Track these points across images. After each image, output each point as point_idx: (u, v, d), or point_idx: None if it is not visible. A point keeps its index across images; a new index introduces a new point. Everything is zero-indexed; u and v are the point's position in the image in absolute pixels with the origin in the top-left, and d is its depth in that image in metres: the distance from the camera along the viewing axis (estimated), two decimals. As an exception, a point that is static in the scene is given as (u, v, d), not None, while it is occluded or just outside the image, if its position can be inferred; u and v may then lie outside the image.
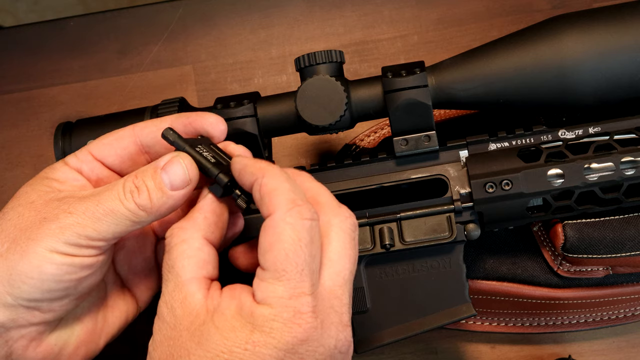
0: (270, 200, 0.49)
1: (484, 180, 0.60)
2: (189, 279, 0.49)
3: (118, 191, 0.51)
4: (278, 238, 0.48)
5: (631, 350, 0.72)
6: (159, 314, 0.50)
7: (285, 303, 0.47)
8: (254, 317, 0.47)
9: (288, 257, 0.48)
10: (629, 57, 0.58)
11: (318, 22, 0.80)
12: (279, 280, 0.48)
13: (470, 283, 0.68)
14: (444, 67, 0.62)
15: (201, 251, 0.50)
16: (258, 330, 0.47)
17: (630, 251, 0.63)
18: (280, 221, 0.48)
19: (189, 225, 0.51)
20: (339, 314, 0.50)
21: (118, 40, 0.82)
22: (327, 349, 0.49)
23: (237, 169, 0.52)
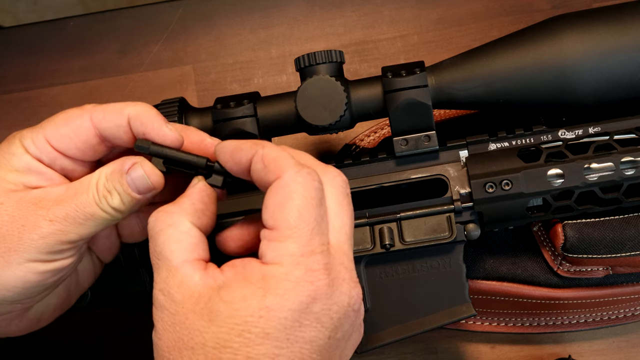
0: (277, 165, 0.49)
1: (484, 180, 0.60)
2: (181, 262, 0.48)
3: (94, 194, 0.52)
4: (289, 196, 0.48)
5: (631, 350, 0.72)
6: (156, 304, 0.49)
7: (297, 260, 0.47)
8: (265, 279, 0.47)
9: (301, 215, 0.47)
10: (629, 57, 0.58)
11: (318, 22, 0.80)
12: (290, 237, 0.47)
13: (470, 283, 0.68)
14: (444, 67, 0.62)
15: (189, 235, 0.49)
16: (271, 294, 0.46)
17: (630, 251, 0.63)
18: (292, 181, 0.48)
19: (176, 210, 0.50)
20: (349, 270, 0.49)
21: (118, 40, 0.82)
22: (341, 307, 0.48)
23: (227, 151, 0.51)
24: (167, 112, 0.63)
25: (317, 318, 0.47)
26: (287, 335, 0.46)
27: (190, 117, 0.63)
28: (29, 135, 0.53)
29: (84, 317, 0.75)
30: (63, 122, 0.54)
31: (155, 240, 0.49)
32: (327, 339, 0.48)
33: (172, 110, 0.63)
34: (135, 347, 0.75)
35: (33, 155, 0.53)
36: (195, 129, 0.56)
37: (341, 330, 0.49)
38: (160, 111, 0.63)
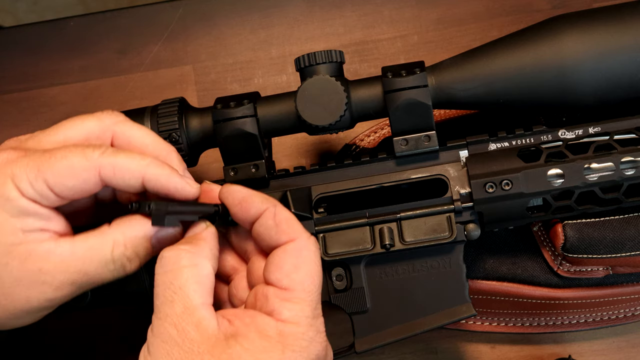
0: (289, 227, 0.52)
1: (484, 180, 0.60)
2: (200, 304, 0.49)
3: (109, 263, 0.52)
4: (304, 261, 0.51)
5: (631, 350, 0.72)
6: (163, 337, 0.48)
7: (311, 322, 0.50)
8: (283, 336, 0.49)
9: (314, 280, 0.51)
10: (629, 57, 0.58)
11: (318, 22, 0.80)
12: (304, 300, 0.51)
13: (470, 283, 0.68)
14: (444, 67, 0.62)
15: (209, 279, 0.50)
16: (289, 350, 0.49)
17: (630, 251, 0.63)
18: (305, 247, 0.52)
19: (198, 252, 0.51)
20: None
21: (118, 40, 0.82)
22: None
23: (236, 198, 0.53)
24: (167, 112, 0.63)
25: None
26: None
27: (190, 117, 0.63)
28: (24, 176, 0.50)
29: (84, 317, 0.75)
30: (67, 172, 0.50)
31: (176, 275, 0.49)
32: None
33: (172, 111, 0.63)
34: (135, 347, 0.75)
35: (30, 198, 0.51)
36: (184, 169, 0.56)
37: None
38: (160, 111, 0.63)
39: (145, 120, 0.63)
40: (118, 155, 0.51)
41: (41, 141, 0.53)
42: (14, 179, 0.50)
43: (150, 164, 0.52)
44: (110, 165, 0.51)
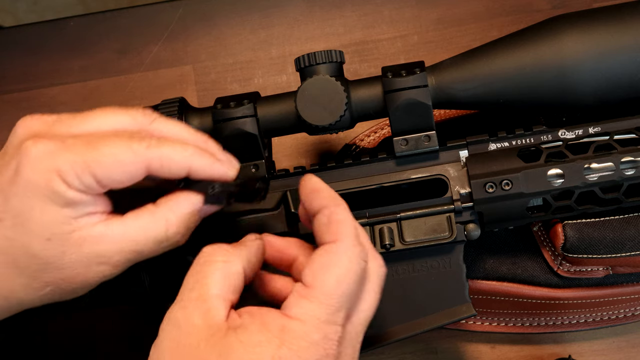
0: (339, 229, 0.50)
1: (484, 180, 0.60)
2: (216, 294, 0.49)
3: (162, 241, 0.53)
4: (335, 264, 0.49)
5: (631, 350, 0.72)
6: (171, 318, 0.49)
7: (319, 325, 0.48)
8: (284, 331, 0.47)
9: (339, 284, 0.49)
10: (629, 57, 0.58)
11: (318, 22, 0.80)
12: (320, 301, 0.48)
13: (470, 283, 0.68)
14: (444, 67, 0.62)
15: (236, 277, 0.50)
16: (286, 347, 0.47)
17: (630, 251, 0.63)
18: (343, 251, 0.49)
19: (234, 252, 0.51)
20: (355, 349, 0.51)
21: (118, 40, 0.82)
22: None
23: (307, 187, 0.53)
24: (167, 112, 0.63)
25: None
26: None
27: (190, 117, 0.63)
28: (71, 171, 0.50)
29: (84, 317, 0.75)
30: (115, 167, 0.51)
31: (203, 266, 0.50)
32: None
33: (172, 110, 0.63)
34: (135, 347, 0.75)
35: (77, 190, 0.51)
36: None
37: None
38: (160, 111, 0.63)
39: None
40: (163, 147, 0.52)
41: (71, 128, 0.52)
42: (60, 174, 0.50)
43: (194, 154, 0.53)
44: (157, 158, 0.52)
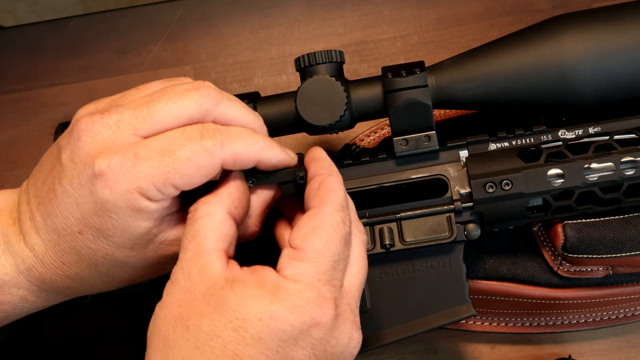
0: (326, 195, 0.52)
1: (484, 180, 0.60)
2: (209, 249, 0.50)
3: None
4: (322, 226, 0.50)
5: (631, 350, 0.72)
6: (172, 279, 0.50)
7: (313, 283, 0.49)
8: (278, 289, 0.48)
9: (328, 245, 0.50)
10: (629, 57, 0.58)
11: (318, 22, 0.80)
12: (312, 261, 0.49)
13: (470, 283, 0.68)
14: (444, 67, 0.62)
15: (223, 225, 0.51)
16: (279, 303, 0.48)
17: (630, 251, 0.63)
18: (329, 214, 0.51)
19: (214, 200, 0.52)
20: (354, 314, 0.51)
21: (118, 40, 0.82)
22: (339, 344, 0.50)
23: (310, 155, 0.56)
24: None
25: (312, 344, 0.48)
26: (279, 348, 0.47)
27: (190, 117, 0.63)
28: (152, 187, 0.50)
29: (84, 317, 0.75)
30: (194, 173, 0.51)
31: (192, 225, 0.51)
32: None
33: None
34: (135, 347, 0.75)
35: (158, 200, 0.52)
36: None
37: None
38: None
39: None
40: (236, 142, 0.52)
41: (138, 130, 0.52)
42: (141, 192, 0.51)
43: (264, 147, 0.54)
44: (230, 154, 0.52)
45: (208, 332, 0.47)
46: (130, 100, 0.53)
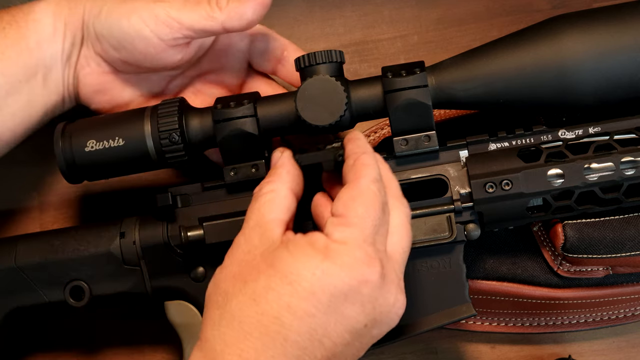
0: (362, 170, 0.55)
1: (484, 180, 0.60)
2: (271, 218, 0.55)
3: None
4: (361, 194, 0.54)
5: (631, 350, 0.72)
6: (234, 245, 0.55)
7: (359, 244, 0.52)
8: (328, 249, 0.52)
9: (368, 210, 0.53)
10: (629, 57, 0.58)
11: (318, 22, 0.80)
12: (356, 225, 0.53)
13: (470, 283, 0.68)
14: (444, 67, 0.62)
15: (286, 199, 0.56)
16: (329, 261, 0.51)
17: (630, 251, 0.63)
18: (366, 185, 0.54)
19: (276, 179, 0.57)
20: (398, 277, 0.54)
21: (118, 40, 0.81)
22: (386, 304, 0.53)
23: (348, 137, 0.59)
24: (167, 112, 0.63)
25: (362, 301, 0.52)
26: (330, 302, 0.51)
27: (190, 117, 0.63)
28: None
29: (84, 317, 0.75)
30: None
31: (257, 201, 0.56)
32: (362, 327, 0.52)
33: (172, 111, 0.63)
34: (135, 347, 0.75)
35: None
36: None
37: (378, 327, 0.53)
38: (161, 111, 0.63)
39: (145, 120, 0.63)
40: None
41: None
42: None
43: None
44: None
45: (264, 286, 0.51)
46: None
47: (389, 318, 0.54)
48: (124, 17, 0.63)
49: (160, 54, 0.65)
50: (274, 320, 0.50)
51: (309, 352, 0.50)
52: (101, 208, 0.77)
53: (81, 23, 0.66)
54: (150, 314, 0.72)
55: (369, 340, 0.54)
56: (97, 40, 0.65)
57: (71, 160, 0.64)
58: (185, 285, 0.64)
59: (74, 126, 0.64)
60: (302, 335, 0.50)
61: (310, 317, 0.50)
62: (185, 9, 0.63)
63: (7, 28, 0.65)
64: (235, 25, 0.63)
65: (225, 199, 0.63)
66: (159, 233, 0.64)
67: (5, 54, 0.64)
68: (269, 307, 0.51)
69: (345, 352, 0.52)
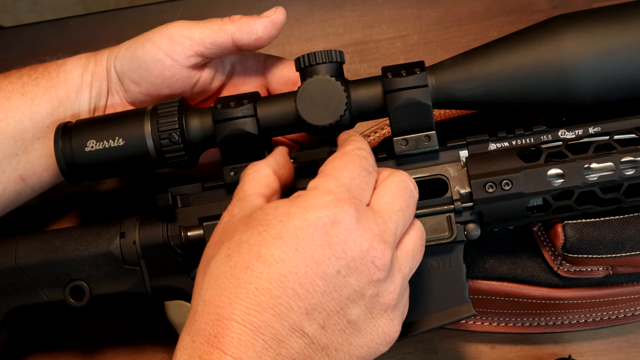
0: (349, 141, 0.58)
1: (484, 180, 0.60)
2: (252, 192, 0.56)
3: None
4: (343, 154, 0.56)
5: (631, 350, 0.72)
6: (219, 222, 0.56)
7: (330, 189, 0.52)
8: (298, 196, 0.53)
9: (346, 165, 0.54)
10: (629, 57, 0.58)
11: (318, 22, 0.80)
12: (332, 176, 0.54)
13: (470, 283, 0.68)
14: (444, 67, 0.62)
15: (267, 177, 0.58)
16: (296, 205, 0.52)
17: (630, 251, 0.63)
18: (350, 149, 0.56)
19: (260, 162, 0.59)
20: (379, 228, 0.53)
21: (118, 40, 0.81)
22: (359, 248, 0.51)
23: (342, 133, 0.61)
24: (167, 112, 0.63)
25: (329, 242, 0.51)
26: (297, 245, 0.51)
27: (190, 117, 0.63)
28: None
29: (84, 317, 0.75)
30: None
31: (242, 181, 0.58)
32: (335, 273, 0.51)
33: (172, 111, 0.63)
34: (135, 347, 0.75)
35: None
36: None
37: (355, 277, 0.51)
38: (160, 111, 0.63)
39: (145, 120, 0.63)
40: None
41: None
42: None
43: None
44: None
45: (237, 241, 0.52)
46: None
47: (364, 265, 0.51)
48: (139, 47, 0.66)
49: (176, 76, 0.66)
50: (244, 271, 0.50)
51: (283, 301, 0.50)
52: (101, 208, 0.77)
53: (106, 72, 0.68)
54: (150, 314, 0.72)
55: (351, 295, 0.51)
56: (119, 81, 0.68)
57: (71, 160, 0.64)
58: (185, 285, 0.64)
59: (74, 126, 0.64)
60: (273, 282, 0.50)
61: (279, 262, 0.50)
62: (197, 25, 0.66)
63: (39, 78, 0.68)
64: (244, 39, 0.64)
65: (225, 199, 0.63)
66: (159, 233, 0.64)
67: (35, 101, 0.67)
68: (241, 259, 0.51)
69: (324, 304, 0.50)
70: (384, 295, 0.53)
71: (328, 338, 0.51)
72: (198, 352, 0.49)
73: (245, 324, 0.49)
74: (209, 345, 0.49)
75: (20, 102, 0.67)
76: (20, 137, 0.66)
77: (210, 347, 0.49)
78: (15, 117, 0.66)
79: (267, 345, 0.49)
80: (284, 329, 0.50)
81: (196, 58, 0.66)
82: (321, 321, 0.51)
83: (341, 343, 0.52)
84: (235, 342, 0.49)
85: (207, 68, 0.68)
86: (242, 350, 0.49)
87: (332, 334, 0.51)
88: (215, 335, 0.49)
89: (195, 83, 0.67)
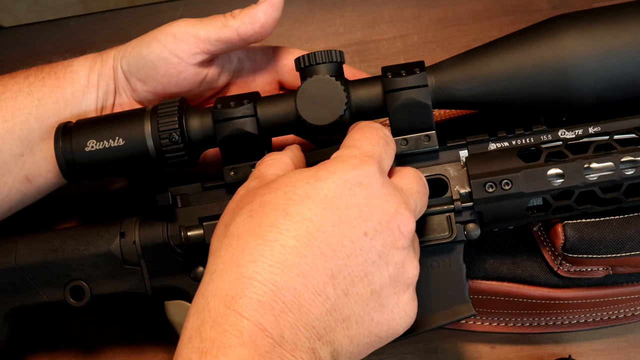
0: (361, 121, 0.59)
1: (484, 180, 0.60)
2: (270, 173, 0.56)
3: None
4: (360, 128, 0.57)
5: (631, 350, 0.72)
6: (234, 195, 0.56)
7: (355, 154, 0.53)
8: (324, 164, 0.53)
9: (364, 134, 0.55)
10: (629, 57, 0.58)
11: (318, 22, 0.80)
12: (352, 146, 0.54)
13: (470, 283, 0.68)
14: (444, 67, 0.62)
15: (287, 165, 0.58)
16: (322, 169, 0.52)
17: (630, 251, 0.63)
18: (366, 123, 0.58)
19: (279, 152, 0.60)
20: (405, 197, 0.54)
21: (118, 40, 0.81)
22: (385, 212, 0.52)
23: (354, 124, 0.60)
24: (167, 112, 0.63)
25: (357, 204, 0.51)
26: (326, 204, 0.50)
27: (190, 116, 0.64)
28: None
29: (84, 317, 0.75)
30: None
31: (259, 165, 0.58)
32: (362, 235, 0.51)
33: (172, 110, 0.63)
34: (135, 347, 0.75)
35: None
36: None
37: (381, 240, 0.51)
38: (161, 111, 0.63)
39: (145, 120, 0.63)
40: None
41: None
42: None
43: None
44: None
45: (260, 203, 0.51)
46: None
47: (390, 230, 0.51)
48: (145, 46, 0.66)
49: (182, 74, 0.66)
50: (270, 229, 0.49)
51: (309, 260, 0.49)
52: (101, 208, 0.77)
53: (112, 72, 0.68)
54: (150, 314, 0.72)
55: (376, 260, 0.51)
56: (126, 81, 0.68)
57: (71, 160, 0.64)
58: (185, 285, 0.64)
59: (74, 126, 0.64)
60: (300, 239, 0.49)
61: (307, 220, 0.49)
62: (201, 23, 0.66)
63: (46, 78, 0.68)
64: (249, 30, 0.64)
65: (225, 198, 0.63)
66: (159, 233, 0.64)
67: (41, 101, 0.67)
68: (266, 217, 0.50)
69: (349, 267, 0.50)
70: (407, 267, 0.52)
71: (350, 308, 0.50)
72: (212, 316, 0.47)
73: (266, 283, 0.48)
74: (225, 307, 0.47)
75: (26, 102, 0.67)
76: (26, 137, 0.67)
77: (226, 309, 0.47)
78: (21, 117, 0.66)
79: (287, 309, 0.47)
80: (307, 292, 0.48)
81: (202, 55, 0.66)
82: (345, 287, 0.49)
83: (362, 316, 0.50)
84: (255, 304, 0.47)
85: (213, 65, 0.68)
86: (260, 313, 0.47)
87: (355, 304, 0.50)
88: (232, 296, 0.47)
89: (202, 80, 0.67)
